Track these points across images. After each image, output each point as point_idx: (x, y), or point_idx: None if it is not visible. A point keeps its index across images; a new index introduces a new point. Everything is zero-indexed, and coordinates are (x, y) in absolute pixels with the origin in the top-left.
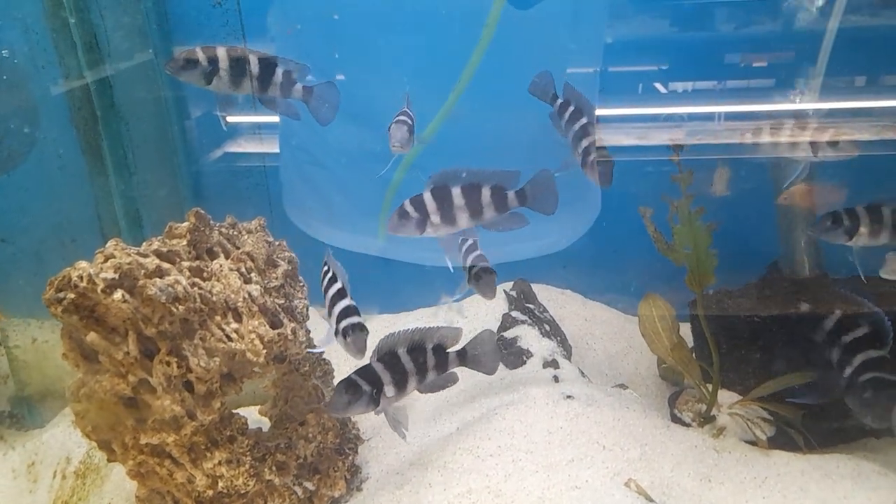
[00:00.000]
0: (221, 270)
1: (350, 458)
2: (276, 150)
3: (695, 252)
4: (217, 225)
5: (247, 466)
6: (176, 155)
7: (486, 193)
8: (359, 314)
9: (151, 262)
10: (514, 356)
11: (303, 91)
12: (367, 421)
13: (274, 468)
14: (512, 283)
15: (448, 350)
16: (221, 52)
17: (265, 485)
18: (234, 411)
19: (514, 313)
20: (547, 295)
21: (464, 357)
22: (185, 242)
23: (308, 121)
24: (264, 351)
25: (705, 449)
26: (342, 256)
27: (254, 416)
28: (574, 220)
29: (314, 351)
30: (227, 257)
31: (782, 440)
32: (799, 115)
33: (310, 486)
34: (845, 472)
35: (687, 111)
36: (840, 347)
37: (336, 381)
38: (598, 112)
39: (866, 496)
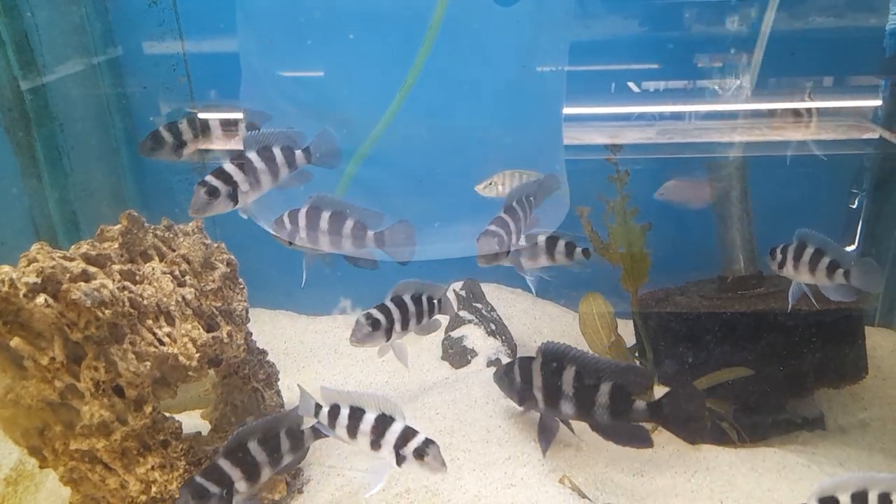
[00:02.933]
0: (154, 274)
1: None
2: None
3: (629, 252)
4: (152, 227)
5: (181, 471)
6: (118, 156)
7: (348, 224)
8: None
9: (77, 265)
10: (460, 355)
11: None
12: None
13: None
14: (461, 282)
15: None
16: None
17: None
18: (168, 415)
19: (462, 313)
20: (497, 294)
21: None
22: (116, 245)
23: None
24: (197, 355)
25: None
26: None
27: (198, 421)
28: (543, 217)
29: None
30: (161, 260)
31: (715, 434)
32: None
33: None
34: (771, 465)
35: (657, 110)
36: None
37: (280, 385)
38: (567, 111)
39: (790, 487)
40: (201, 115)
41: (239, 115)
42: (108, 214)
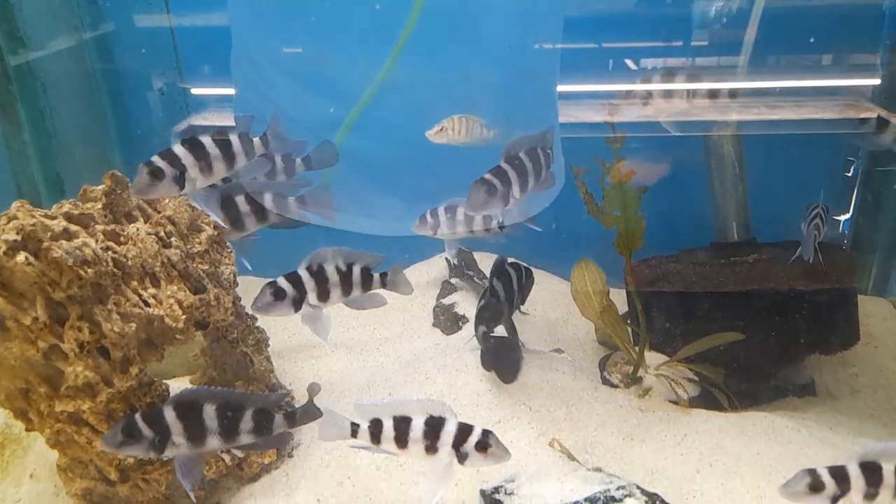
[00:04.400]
0: (138, 234)
1: None
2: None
3: (623, 215)
4: None
5: None
6: (104, 121)
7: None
8: None
9: (58, 224)
10: (451, 322)
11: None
12: (303, 388)
13: None
14: (454, 251)
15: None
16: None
17: None
18: (155, 378)
19: (454, 280)
20: (491, 263)
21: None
22: (100, 206)
23: (263, 92)
24: (184, 316)
25: (630, 409)
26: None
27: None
28: (536, 193)
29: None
30: (146, 221)
31: (706, 400)
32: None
33: (238, 453)
34: (760, 429)
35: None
36: None
37: (270, 350)
38: (560, 88)
39: (778, 451)
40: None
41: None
42: (95, 179)
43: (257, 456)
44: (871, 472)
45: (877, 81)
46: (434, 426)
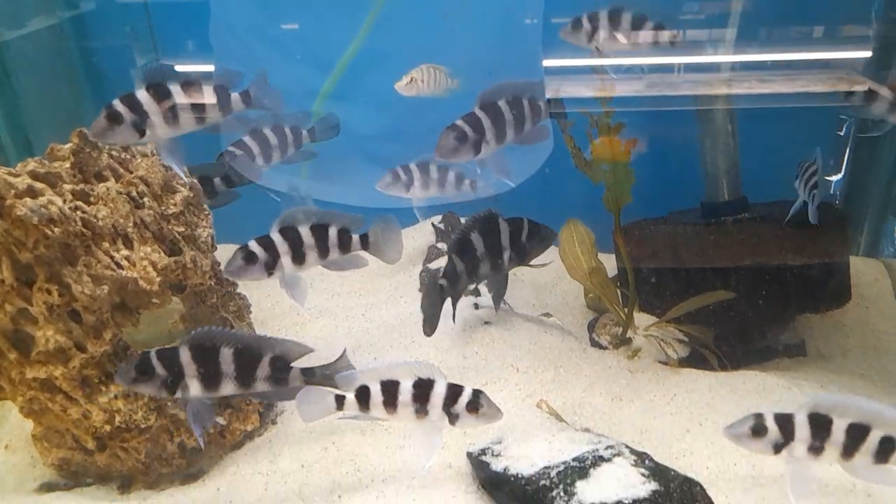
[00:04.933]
0: (109, 194)
1: None
2: None
3: (612, 169)
4: (107, 147)
5: (146, 400)
6: (74, 82)
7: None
8: None
9: (22, 181)
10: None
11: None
12: None
13: None
14: (441, 216)
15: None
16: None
17: (170, 419)
18: (132, 345)
19: (440, 245)
20: None
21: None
22: (68, 165)
23: (245, 61)
24: (158, 279)
25: (619, 370)
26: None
27: None
28: (528, 156)
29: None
30: (118, 181)
31: (696, 361)
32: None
33: (221, 420)
34: (751, 388)
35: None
36: None
37: (252, 318)
38: (546, 63)
39: (768, 409)
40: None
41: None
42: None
43: (240, 423)
44: (820, 425)
45: (868, 54)
46: (423, 388)
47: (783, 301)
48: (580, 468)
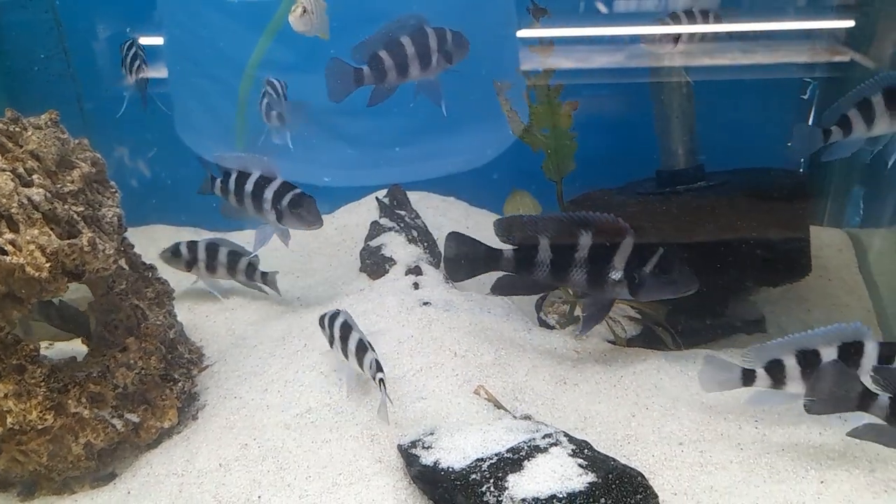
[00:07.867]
0: None
1: (181, 384)
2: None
3: (553, 134)
4: None
5: (40, 398)
6: None
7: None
8: None
9: None
10: (377, 265)
11: None
12: (214, 344)
13: (84, 400)
14: (386, 190)
15: None
16: None
17: (73, 418)
18: (22, 337)
19: (382, 220)
20: (428, 202)
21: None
22: None
23: (201, 34)
24: (48, 265)
25: (565, 351)
26: None
27: (81, 347)
28: (496, 134)
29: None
30: (3, 156)
31: (649, 340)
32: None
33: (133, 417)
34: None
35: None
36: None
37: (176, 303)
38: (522, 34)
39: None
40: None
41: None
42: None
43: (156, 420)
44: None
45: (851, 23)
46: (262, 183)
47: (739, 274)
48: (514, 460)
